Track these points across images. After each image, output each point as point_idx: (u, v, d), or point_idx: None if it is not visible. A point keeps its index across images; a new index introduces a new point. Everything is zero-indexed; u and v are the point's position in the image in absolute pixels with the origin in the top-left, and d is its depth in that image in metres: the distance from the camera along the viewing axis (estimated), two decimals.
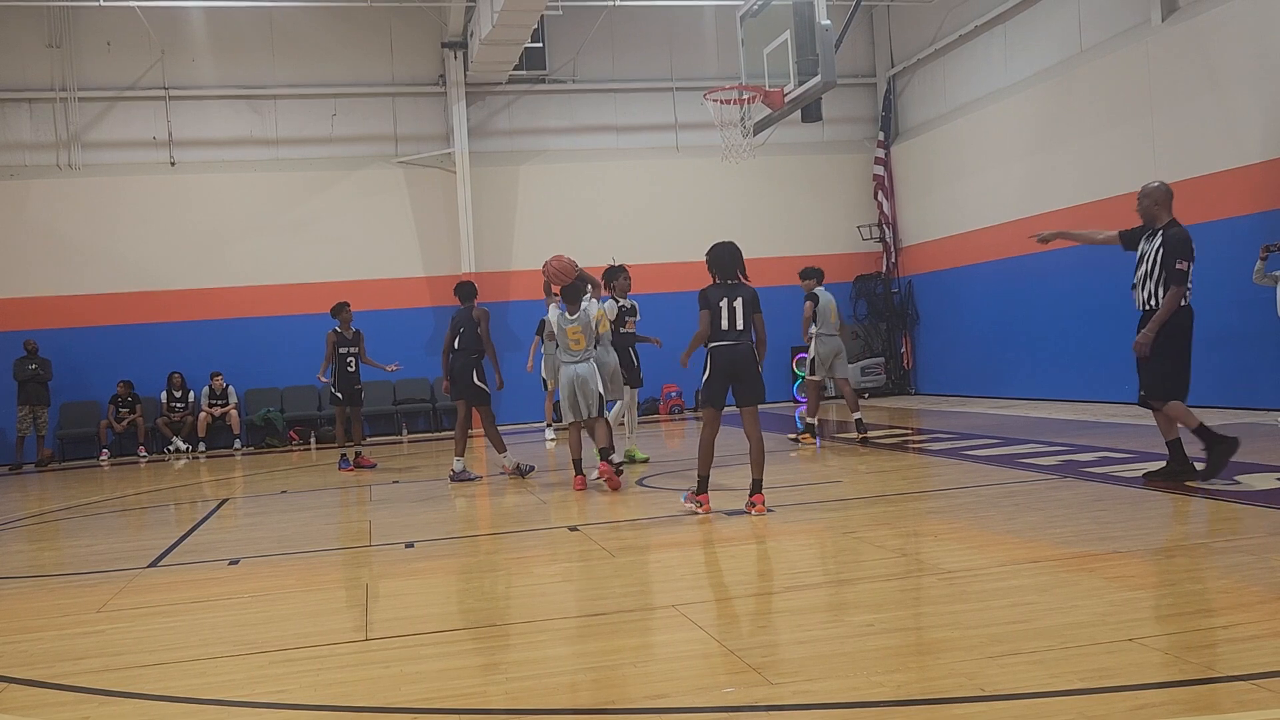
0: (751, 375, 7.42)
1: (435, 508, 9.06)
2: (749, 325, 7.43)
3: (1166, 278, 7.61)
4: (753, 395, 7.45)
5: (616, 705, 3.67)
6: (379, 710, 3.86)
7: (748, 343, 7.43)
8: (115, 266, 17.37)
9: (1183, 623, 4.19)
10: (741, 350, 7.39)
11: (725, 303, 7.39)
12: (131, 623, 5.44)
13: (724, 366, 7.38)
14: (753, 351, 7.45)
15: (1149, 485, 7.54)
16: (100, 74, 17.70)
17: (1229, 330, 12.57)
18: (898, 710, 3.45)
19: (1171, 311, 7.55)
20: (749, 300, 7.45)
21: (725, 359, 7.37)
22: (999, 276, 17.02)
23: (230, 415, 17.10)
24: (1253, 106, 12.24)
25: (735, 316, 7.38)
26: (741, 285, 7.50)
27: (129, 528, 8.86)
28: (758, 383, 7.46)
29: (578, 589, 5.68)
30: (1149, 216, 7.93)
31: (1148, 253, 7.82)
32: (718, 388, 7.42)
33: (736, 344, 7.38)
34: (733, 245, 7.60)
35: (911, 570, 5.56)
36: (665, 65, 19.50)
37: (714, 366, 7.41)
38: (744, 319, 7.41)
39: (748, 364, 7.39)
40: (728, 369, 7.37)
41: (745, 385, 7.42)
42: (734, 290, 7.44)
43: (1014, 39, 16.63)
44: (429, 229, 18.62)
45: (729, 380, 7.41)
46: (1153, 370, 7.66)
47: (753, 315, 7.45)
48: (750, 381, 7.42)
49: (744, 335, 7.42)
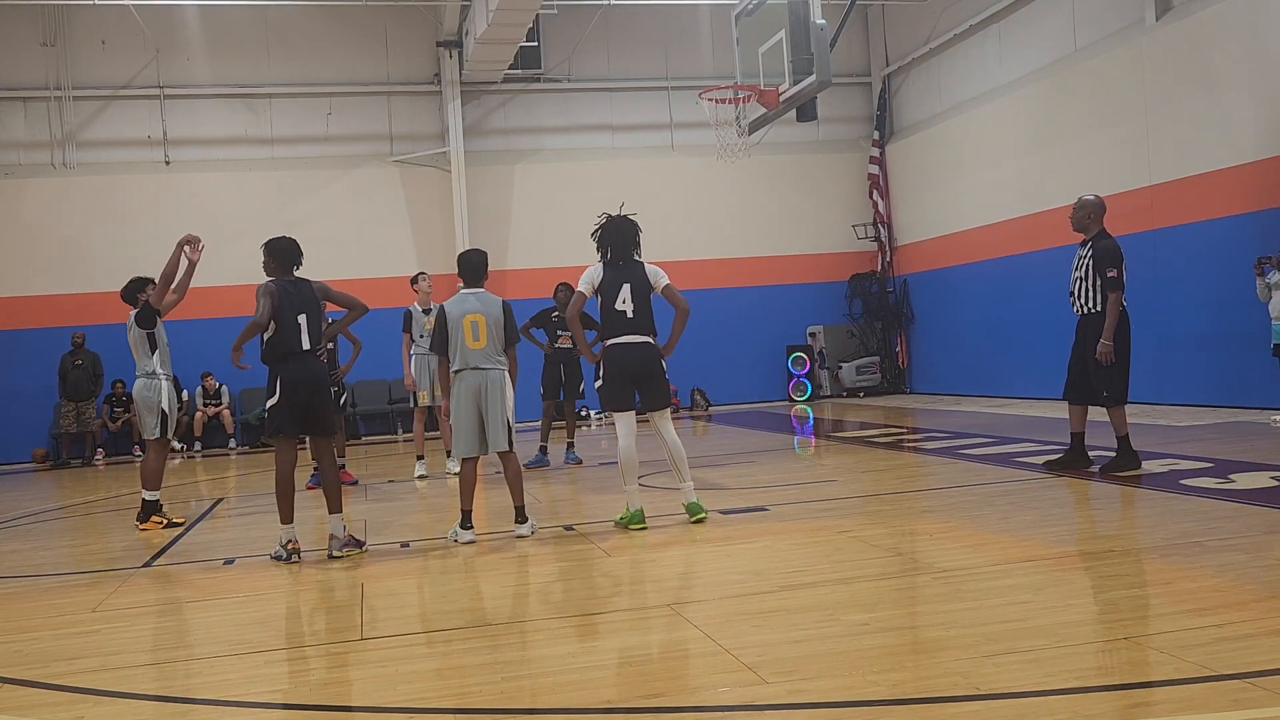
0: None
1: (430, 507, 9.05)
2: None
3: (1102, 285, 7.98)
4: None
5: (612, 705, 3.67)
6: (374, 710, 3.86)
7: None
8: (110, 265, 17.27)
9: (1177, 621, 4.20)
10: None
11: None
12: (127, 623, 5.43)
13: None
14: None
15: (1050, 472, 8.25)
16: (95, 73, 17.66)
17: (1222, 330, 12.61)
18: (893, 709, 3.46)
19: (1115, 317, 7.91)
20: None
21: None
22: (994, 275, 17.04)
23: (223, 415, 17.09)
24: (1246, 106, 12.27)
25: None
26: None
27: (124, 527, 8.85)
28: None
29: (573, 588, 5.68)
30: (1081, 227, 8.27)
31: (1081, 261, 8.20)
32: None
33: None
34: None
35: (906, 569, 5.56)
36: (660, 64, 19.49)
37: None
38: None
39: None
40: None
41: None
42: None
43: (1008, 38, 16.65)
44: (424, 228, 18.60)
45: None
46: (1109, 375, 8.04)
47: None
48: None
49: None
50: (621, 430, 7.06)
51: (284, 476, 6.78)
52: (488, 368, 7.01)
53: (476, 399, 6.98)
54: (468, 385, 6.98)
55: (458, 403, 7.00)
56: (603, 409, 7.24)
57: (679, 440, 7.19)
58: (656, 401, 7.08)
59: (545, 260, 18.25)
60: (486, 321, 7.03)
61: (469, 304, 7.09)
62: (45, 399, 16.69)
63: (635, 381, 7.04)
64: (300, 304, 6.74)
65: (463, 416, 6.98)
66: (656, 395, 7.08)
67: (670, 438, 7.12)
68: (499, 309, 7.11)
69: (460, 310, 7.05)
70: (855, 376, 19.30)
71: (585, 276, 7.13)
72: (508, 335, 7.11)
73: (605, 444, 14.10)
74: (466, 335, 6.99)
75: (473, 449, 7.01)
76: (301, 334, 6.70)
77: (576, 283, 7.24)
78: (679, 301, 7.01)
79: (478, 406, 6.98)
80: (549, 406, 11.41)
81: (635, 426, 7.10)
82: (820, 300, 19.95)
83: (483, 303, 7.11)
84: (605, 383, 7.14)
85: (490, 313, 7.07)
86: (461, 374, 7.00)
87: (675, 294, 7.01)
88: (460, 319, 7.01)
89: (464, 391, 6.98)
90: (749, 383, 19.44)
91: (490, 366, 7.02)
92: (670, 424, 7.19)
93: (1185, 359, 13.25)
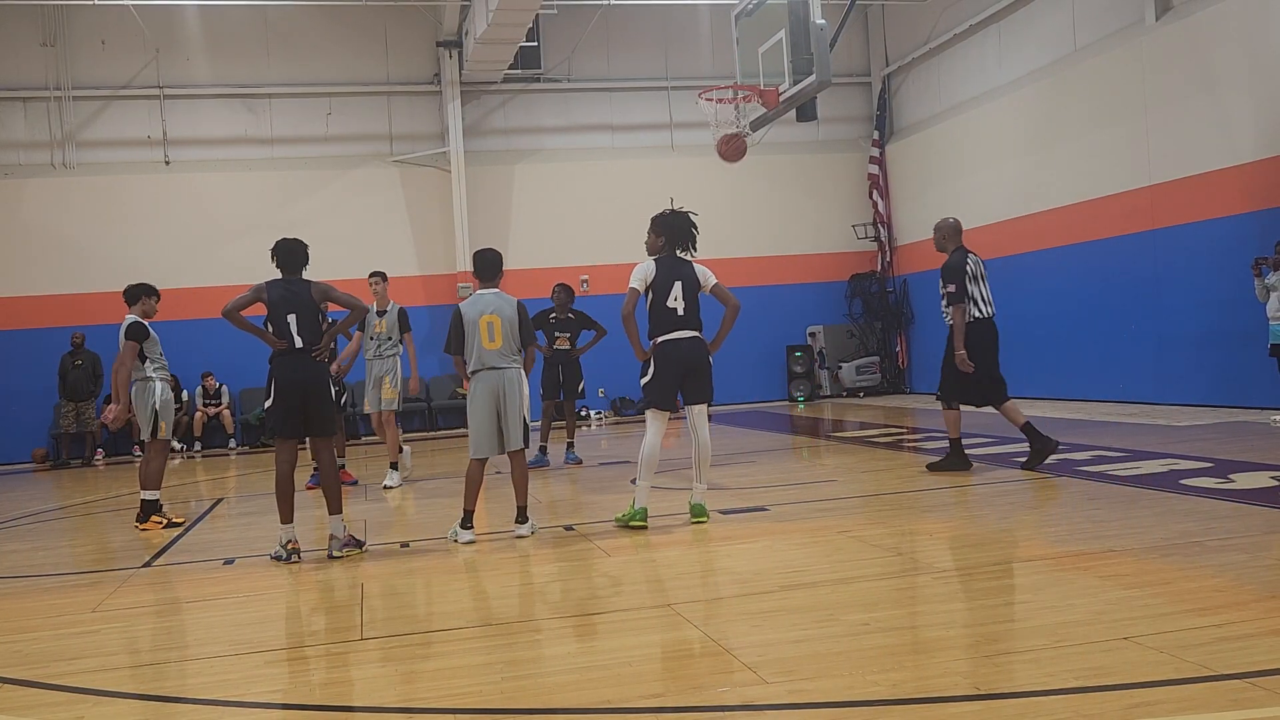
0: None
1: (430, 507, 9.05)
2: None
3: (945, 301, 8.56)
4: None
5: (612, 704, 3.67)
6: (374, 710, 3.86)
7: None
8: (110, 265, 17.30)
9: (1177, 621, 4.20)
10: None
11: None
12: (126, 623, 5.43)
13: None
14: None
15: (932, 472, 8.76)
16: (95, 73, 17.65)
17: (1222, 330, 12.61)
18: (893, 709, 3.46)
19: (961, 328, 8.44)
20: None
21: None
22: (993, 275, 16.81)
23: (223, 415, 17.09)
24: (1246, 106, 12.27)
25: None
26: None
27: (124, 527, 8.85)
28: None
29: (573, 588, 5.68)
30: (940, 247, 8.89)
31: None
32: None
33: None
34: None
35: (906, 569, 5.56)
36: (660, 64, 19.49)
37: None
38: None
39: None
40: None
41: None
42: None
43: (1008, 38, 16.65)
44: (424, 228, 18.61)
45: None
46: (946, 377, 8.72)
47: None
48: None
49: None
50: (653, 428, 7.09)
51: (283, 476, 6.79)
52: (504, 367, 6.98)
53: (495, 399, 6.94)
54: (486, 385, 6.93)
55: (475, 403, 6.95)
56: (645, 406, 7.19)
57: (710, 440, 7.22)
58: (700, 395, 7.12)
59: (544, 260, 18.26)
60: (502, 321, 6.98)
61: (485, 303, 7.04)
62: (45, 399, 16.69)
63: (683, 377, 7.05)
64: (291, 304, 6.75)
65: (481, 417, 6.94)
66: (701, 389, 7.12)
67: (704, 435, 7.17)
68: (514, 309, 7.08)
69: (476, 310, 7.00)
70: (855, 376, 19.30)
71: (638, 273, 7.09)
72: (523, 335, 7.07)
73: (605, 444, 14.11)
74: (483, 335, 6.93)
75: (490, 449, 6.99)
76: (291, 333, 6.71)
77: (577, 283, 7.26)
78: (729, 299, 7.09)
79: (496, 407, 6.94)
80: (549, 407, 11.41)
81: (666, 426, 7.14)
82: (820, 300, 19.96)
83: (498, 302, 7.07)
84: (654, 378, 7.06)
85: (505, 313, 7.03)
86: (479, 374, 6.95)
87: (726, 292, 7.11)
88: (476, 319, 6.96)
89: (482, 392, 6.93)
90: (749, 383, 19.44)
91: (507, 366, 6.99)
92: (707, 421, 7.23)
93: (1185, 359, 13.25)
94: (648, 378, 7.08)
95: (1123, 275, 14.14)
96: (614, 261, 17.33)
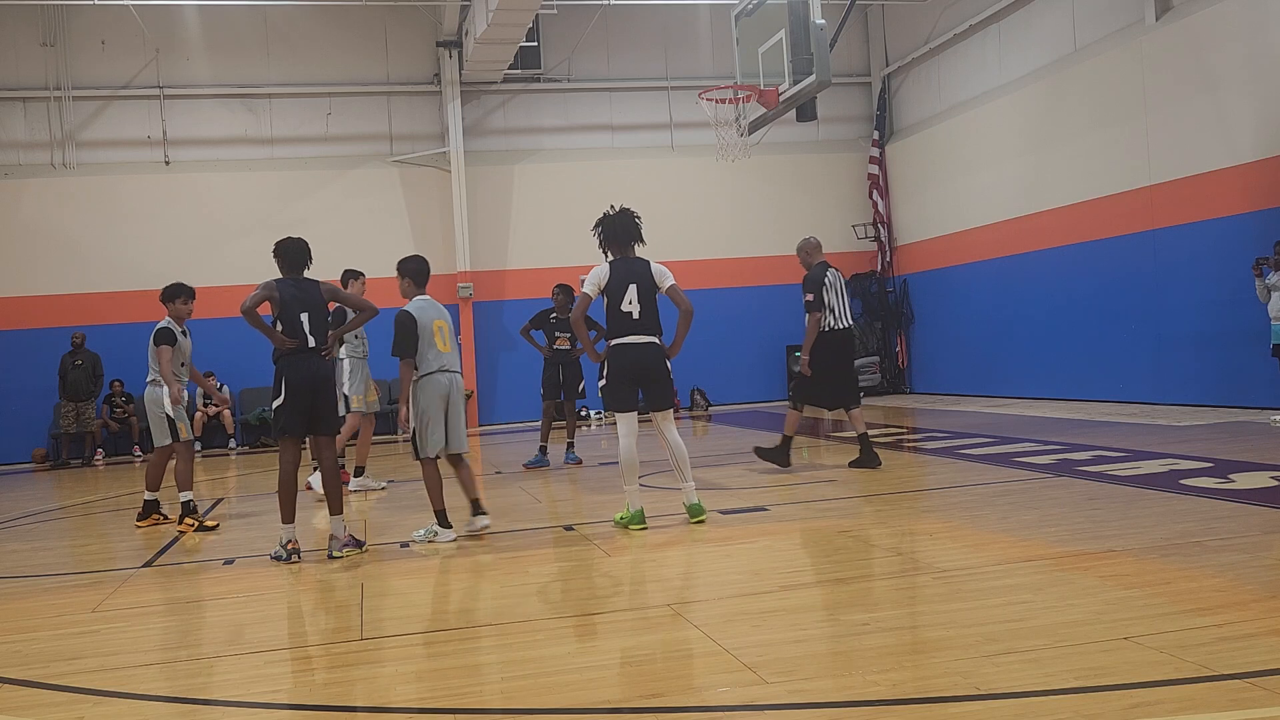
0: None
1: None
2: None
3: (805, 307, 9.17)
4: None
5: (612, 704, 3.67)
6: (374, 710, 3.86)
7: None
8: (110, 266, 17.33)
9: (1177, 621, 4.20)
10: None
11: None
12: (126, 623, 5.43)
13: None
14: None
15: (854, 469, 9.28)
16: (95, 73, 17.65)
17: (1222, 330, 12.61)
18: (893, 709, 3.46)
19: (812, 336, 9.13)
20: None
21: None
22: (994, 275, 17.05)
23: (224, 415, 17.09)
24: (1246, 106, 12.27)
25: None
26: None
27: (124, 528, 8.85)
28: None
29: (573, 588, 5.68)
30: (804, 263, 9.62)
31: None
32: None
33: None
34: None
35: (906, 569, 5.57)
36: (660, 64, 19.49)
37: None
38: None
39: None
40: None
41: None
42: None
43: (1008, 38, 16.65)
44: (424, 228, 18.60)
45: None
46: (798, 382, 9.49)
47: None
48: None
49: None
50: (623, 430, 7.06)
51: (288, 476, 6.80)
52: (456, 370, 7.18)
53: (447, 401, 7.08)
54: (440, 387, 7.05)
55: (430, 404, 7.02)
56: (605, 409, 7.22)
57: (681, 440, 7.19)
58: (660, 402, 7.11)
59: (545, 260, 18.27)
60: (449, 326, 7.26)
61: (433, 308, 7.25)
62: (45, 399, 16.68)
63: (640, 381, 7.03)
64: (304, 302, 6.76)
65: (436, 416, 7.04)
66: (661, 396, 7.09)
67: (673, 438, 7.13)
68: (448, 316, 7.39)
69: (427, 316, 7.15)
70: None
71: (591, 278, 7.09)
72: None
73: (605, 444, 14.10)
74: (438, 339, 7.10)
75: (440, 448, 7.07)
76: (305, 332, 6.73)
77: (577, 283, 7.28)
78: (683, 302, 6.98)
79: (446, 408, 7.08)
80: (549, 407, 11.41)
81: (637, 427, 7.10)
82: None
83: (441, 308, 7.34)
84: (609, 382, 7.09)
85: (449, 318, 7.35)
86: (433, 376, 7.05)
87: (680, 295, 7.00)
88: (430, 323, 7.11)
89: (436, 393, 7.03)
90: (749, 383, 19.44)
91: (457, 369, 7.21)
92: (673, 424, 7.20)
93: (1185, 359, 13.25)
94: (602, 382, 7.17)
95: (1122, 275, 14.14)
96: None
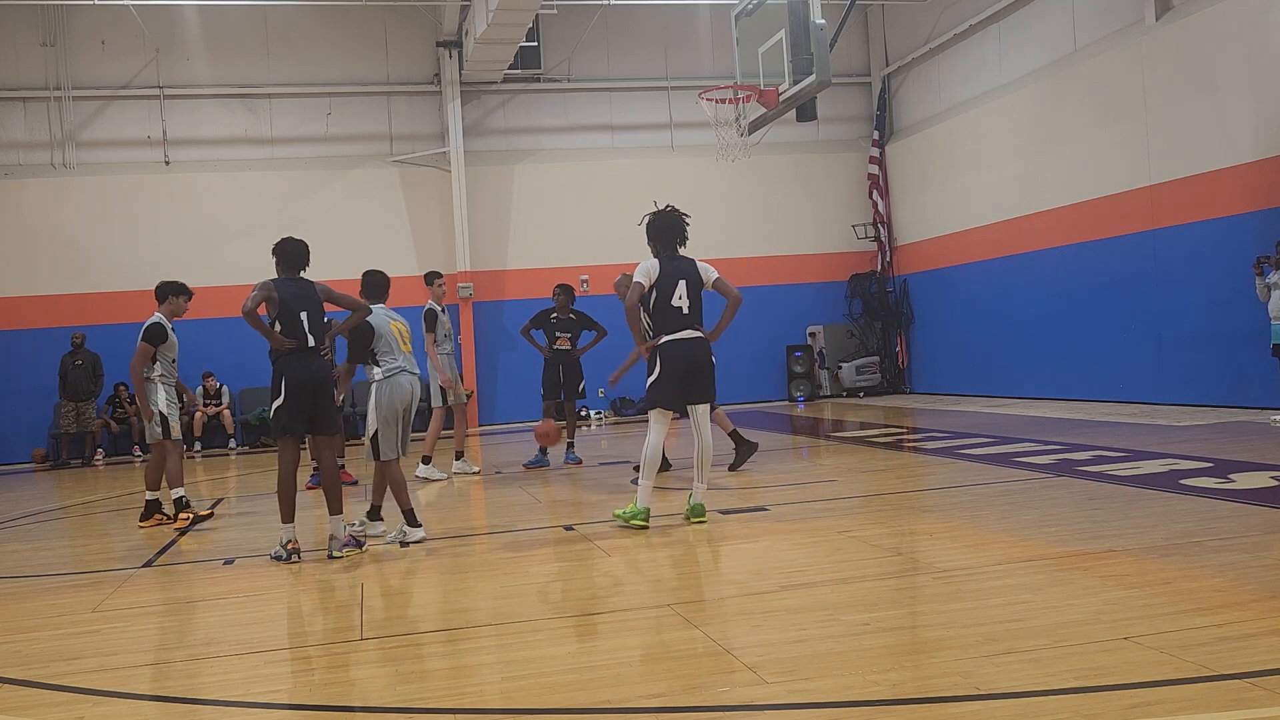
0: None
1: (429, 507, 9.04)
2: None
3: None
4: None
5: (612, 704, 3.67)
6: (374, 710, 3.86)
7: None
8: (110, 266, 17.32)
9: (1177, 621, 4.20)
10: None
11: None
12: (126, 623, 5.43)
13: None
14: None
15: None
16: (94, 73, 17.65)
17: (1222, 330, 12.61)
18: (893, 709, 3.46)
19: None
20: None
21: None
22: (994, 275, 17.05)
23: (224, 415, 17.09)
24: (1246, 106, 12.27)
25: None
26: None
27: (124, 528, 8.85)
28: None
29: (573, 588, 5.68)
30: (620, 295, 9.07)
31: None
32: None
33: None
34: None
35: (906, 569, 5.57)
36: (660, 64, 19.49)
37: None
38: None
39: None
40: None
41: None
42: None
43: (1008, 38, 16.65)
44: (424, 228, 18.60)
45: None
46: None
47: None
48: None
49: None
50: (657, 428, 7.12)
51: (287, 476, 6.81)
52: (416, 373, 7.35)
53: (406, 402, 7.20)
54: (401, 389, 7.17)
55: (392, 404, 7.12)
56: (649, 406, 7.20)
57: (712, 440, 7.27)
58: (703, 394, 7.19)
59: (545, 260, 18.26)
60: (406, 329, 7.49)
61: (387, 314, 7.45)
62: (45, 399, 16.67)
63: (690, 376, 7.08)
64: (304, 302, 6.77)
65: (397, 418, 7.17)
66: (704, 389, 7.18)
67: (706, 435, 7.23)
68: (406, 321, 7.60)
69: (384, 320, 7.32)
70: (855, 376, 19.30)
71: (643, 269, 7.14)
72: None
73: (605, 444, 14.11)
74: (399, 340, 7.31)
75: (399, 449, 7.20)
76: (304, 331, 6.73)
77: (578, 283, 7.28)
78: (731, 292, 7.13)
79: (404, 409, 7.20)
80: (549, 407, 11.41)
81: (669, 429, 7.22)
82: (820, 300, 19.95)
83: (396, 315, 7.52)
84: (660, 379, 7.07)
85: (405, 323, 7.53)
86: (396, 377, 7.18)
87: (728, 285, 7.17)
88: (387, 325, 7.30)
89: (398, 395, 7.15)
90: (749, 383, 19.43)
91: (417, 372, 7.36)
92: (709, 421, 7.30)
93: (1185, 359, 13.25)
94: (653, 377, 7.08)
95: (1122, 275, 14.14)
96: (614, 261, 17.23)
